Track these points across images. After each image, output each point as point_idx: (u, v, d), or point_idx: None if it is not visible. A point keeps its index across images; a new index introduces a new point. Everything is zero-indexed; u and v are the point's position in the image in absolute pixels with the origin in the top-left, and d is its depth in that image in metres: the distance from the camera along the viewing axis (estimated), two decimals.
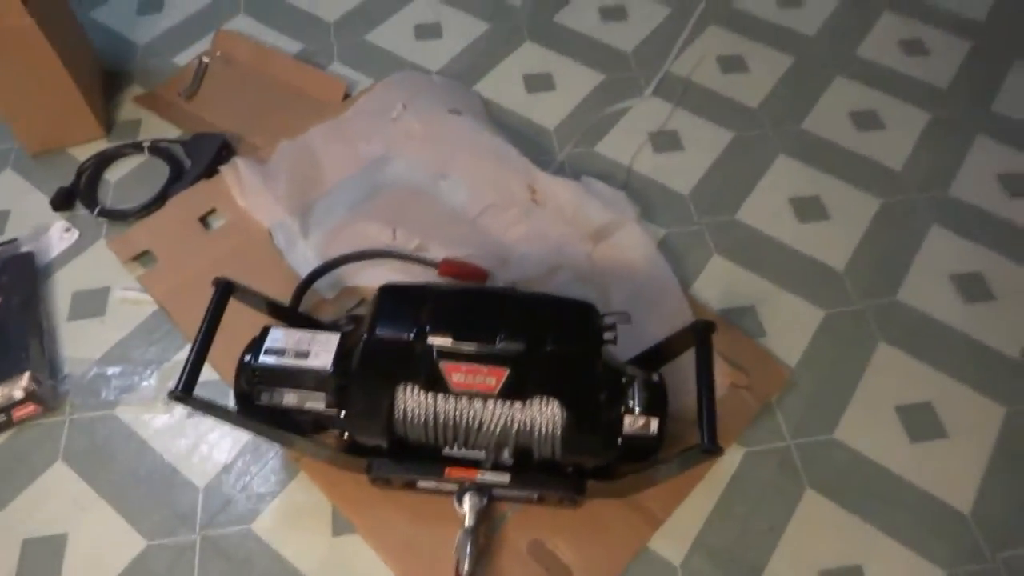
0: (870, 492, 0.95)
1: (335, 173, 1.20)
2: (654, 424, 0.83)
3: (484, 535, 0.88)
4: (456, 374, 0.77)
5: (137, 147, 1.24)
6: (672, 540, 0.91)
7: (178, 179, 1.19)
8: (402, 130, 1.23)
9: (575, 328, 0.81)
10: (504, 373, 0.77)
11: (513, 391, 0.78)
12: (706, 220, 1.19)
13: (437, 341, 0.77)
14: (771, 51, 1.44)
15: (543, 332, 0.79)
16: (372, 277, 1.06)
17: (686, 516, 0.92)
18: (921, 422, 1.01)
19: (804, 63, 1.42)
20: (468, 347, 0.77)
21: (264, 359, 0.83)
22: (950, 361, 1.06)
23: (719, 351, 0.99)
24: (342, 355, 0.83)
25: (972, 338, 1.08)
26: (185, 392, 0.76)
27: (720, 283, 1.12)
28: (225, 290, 0.85)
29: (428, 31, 1.46)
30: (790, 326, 1.08)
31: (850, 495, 0.95)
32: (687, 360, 0.85)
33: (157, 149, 1.24)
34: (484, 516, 0.87)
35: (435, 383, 0.79)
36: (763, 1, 1.53)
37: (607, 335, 0.81)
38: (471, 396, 0.80)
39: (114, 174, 1.23)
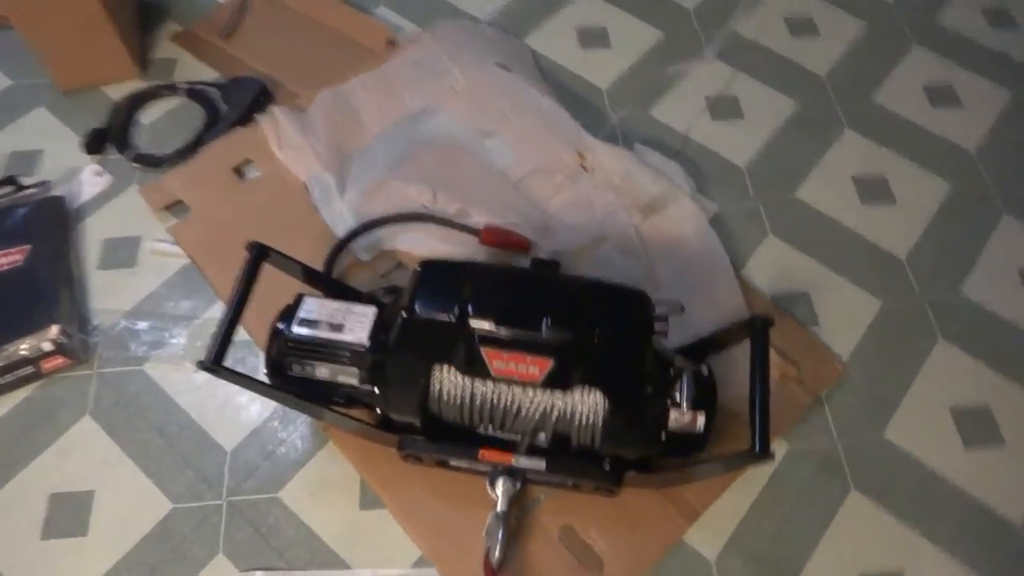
0: (918, 498, 0.91)
1: (375, 126, 1.14)
2: (700, 420, 0.79)
3: (515, 518, 0.85)
4: (497, 361, 0.74)
5: (172, 89, 1.19)
6: (708, 534, 0.88)
7: (214, 125, 1.15)
8: (447, 84, 1.17)
9: (625, 318, 0.76)
10: (548, 364, 0.73)
11: (556, 381, 0.75)
12: (763, 197, 1.13)
13: (479, 325, 0.73)
14: (843, 13, 1.35)
15: (591, 321, 0.74)
16: (410, 241, 1.02)
17: (724, 510, 0.89)
18: (977, 427, 0.96)
19: (879, 29, 1.33)
20: (512, 333, 0.73)
21: (297, 330, 0.80)
22: (1013, 364, 1.00)
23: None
24: (378, 330, 0.80)
25: None
26: (215, 363, 0.74)
27: (774, 266, 1.06)
28: (258, 255, 0.81)
29: None
30: (844, 316, 1.03)
31: (897, 499, 0.91)
32: (738, 349, 0.81)
33: (193, 92, 1.19)
34: (516, 500, 0.85)
35: (474, 367, 0.75)
36: None
37: (658, 326, 0.77)
38: (510, 382, 0.77)
39: (148, 116, 1.18)
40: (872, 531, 0.89)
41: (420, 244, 1.01)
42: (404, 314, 0.75)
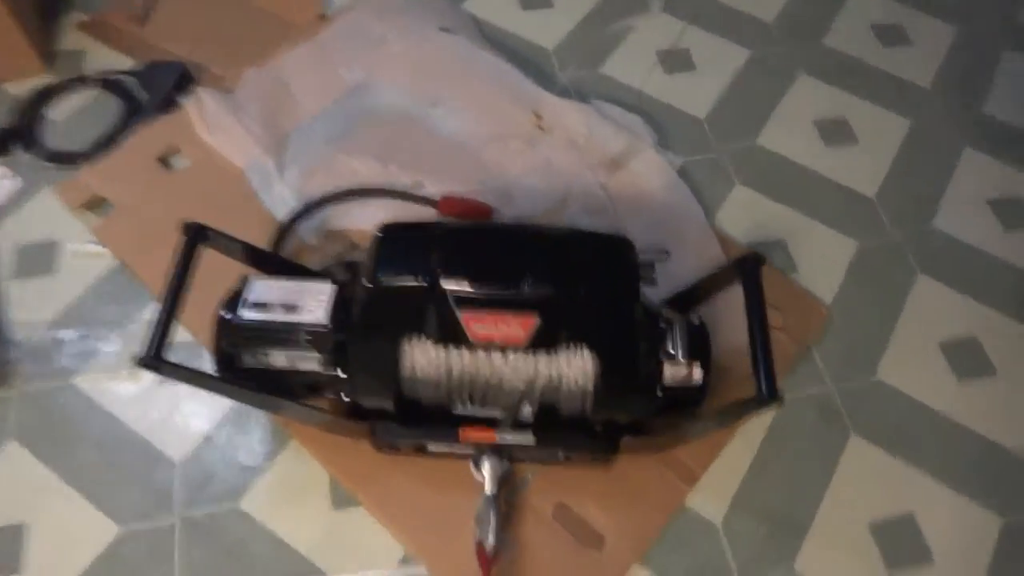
0: (919, 436, 0.87)
1: (312, 104, 1.06)
2: (698, 373, 0.73)
3: (505, 501, 0.78)
4: (476, 324, 0.66)
5: (83, 81, 1.09)
6: (710, 497, 0.82)
7: (133, 115, 1.05)
8: (386, 53, 1.10)
9: (609, 267, 0.70)
10: (533, 322, 0.66)
11: (542, 341, 0.68)
12: (726, 147, 1.09)
13: (453, 287, 0.66)
14: None
15: (574, 272, 0.68)
16: (362, 218, 0.94)
17: (723, 470, 0.84)
18: (967, 359, 0.93)
19: None
20: (490, 292, 0.66)
21: (247, 314, 0.71)
22: (994, 292, 0.98)
23: None
24: (339, 307, 0.72)
25: (1016, 267, 1.00)
26: (156, 358, 0.65)
27: (745, 215, 1.02)
28: (195, 236, 0.72)
29: None
30: (822, 260, 0.99)
31: (897, 440, 0.87)
32: (720, 300, 0.76)
33: (107, 82, 1.09)
34: (505, 481, 0.78)
35: (451, 335, 0.68)
36: None
37: (644, 273, 0.71)
38: (490, 349, 0.70)
39: (58, 112, 1.07)
40: (877, 475, 0.85)
41: (373, 219, 0.90)
42: (367, 284, 0.67)
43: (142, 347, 0.64)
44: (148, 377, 0.86)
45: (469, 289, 0.65)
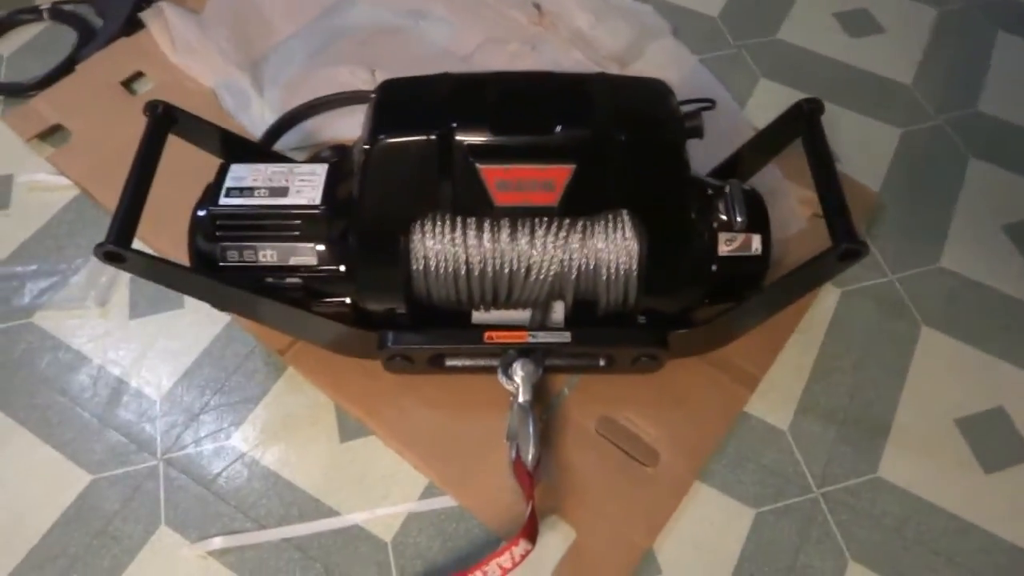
0: (995, 323, 0.78)
1: (285, 24, 0.96)
2: (756, 241, 0.63)
3: (540, 419, 0.67)
4: (501, 181, 0.56)
5: (34, 12, 0.98)
6: (773, 402, 0.72)
7: (88, 45, 0.94)
8: None
9: (650, 113, 0.60)
10: (567, 172, 0.55)
11: (578, 199, 0.57)
12: (744, 42, 0.99)
13: (471, 137, 0.55)
14: None
15: (610, 117, 0.57)
16: (351, 127, 0.84)
17: (784, 374, 0.74)
18: None
19: None
20: (515, 140, 0.55)
21: (227, 201, 0.60)
22: None
23: (791, 179, 0.81)
24: (334, 187, 0.61)
25: None
26: (118, 244, 0.54)
27: (774, 109, 0.89)
28: (163, 118, 0.62)
29: None
30: (864, 149, 0.90)
31: (973, 329, 0.77)
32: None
33: (59, 12, 0.98)
34: (538, 393, 0.67)
35: (469, 202, 0.57)
36: None
37: (691, 124, 0.60)
38: (516, 224, 0.59)
39: (7, 47, 0.97)
40: (956, 368, 0.75)
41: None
42: (367, 145, 0.57)
43: (106, 235, 0.54)
44: (117, 310, 0.75)
45: (490, 137, 0.55)
